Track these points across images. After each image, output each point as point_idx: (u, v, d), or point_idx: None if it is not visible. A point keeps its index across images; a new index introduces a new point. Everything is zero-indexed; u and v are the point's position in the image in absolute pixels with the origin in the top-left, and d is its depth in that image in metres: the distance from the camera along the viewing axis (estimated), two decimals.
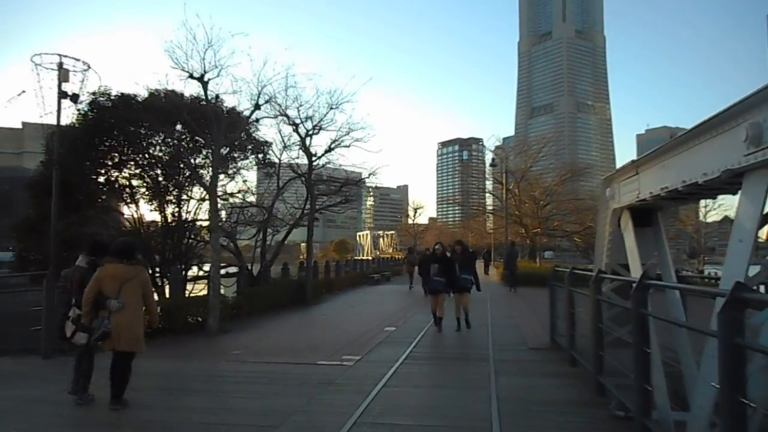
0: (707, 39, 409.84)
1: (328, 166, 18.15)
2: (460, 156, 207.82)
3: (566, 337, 7.58)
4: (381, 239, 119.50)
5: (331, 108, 16.34)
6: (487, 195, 47.56)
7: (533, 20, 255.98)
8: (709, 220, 48.46)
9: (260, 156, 15.52)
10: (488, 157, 31.63)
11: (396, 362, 7.69)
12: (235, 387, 6.58)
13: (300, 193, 20.24)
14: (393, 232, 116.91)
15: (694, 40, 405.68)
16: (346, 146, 16.00)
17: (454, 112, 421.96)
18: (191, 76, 11.33)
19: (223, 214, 18.16)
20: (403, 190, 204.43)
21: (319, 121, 16.20)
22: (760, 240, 3.92)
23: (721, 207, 39.01)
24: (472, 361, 7.98)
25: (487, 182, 42.11)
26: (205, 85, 11.45)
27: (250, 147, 15.08)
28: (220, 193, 15.82)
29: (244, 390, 6.42)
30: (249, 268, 18.56)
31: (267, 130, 32.89)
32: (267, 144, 15.53)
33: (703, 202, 38.62)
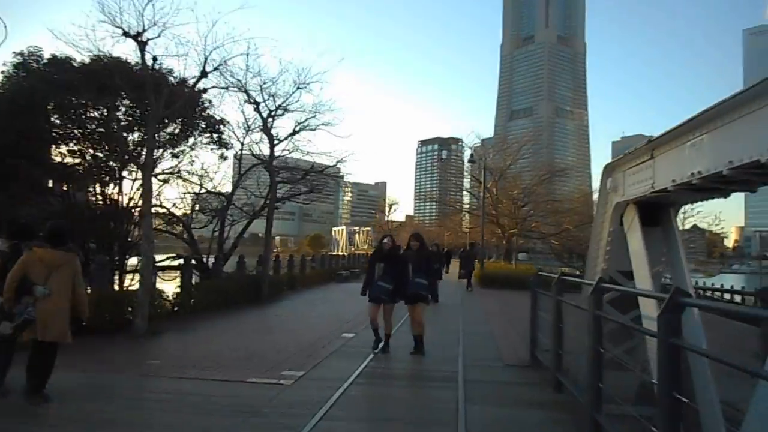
0: (684, 49, 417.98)
1: (294, 153, 16.70)
2: (439, 155, 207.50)
3: (551, 356, 6.29)
4: (357, 235, 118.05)
5: (298, 88, 14.89)
6: (465, 193, 46.54)
7: (516, 24, 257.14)
8: (684, 226, 48.23)
9: (215, 136, 13.87)
10: (467, 153, 30.37)
11: (345, 382, 6.29)
12: (127, 415, 5.09)
13: (264, 181, 18.72)
14: (369, 228, 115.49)
15: (671, 50, 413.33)
16: (312, 129, 14.55)
17: (435, 113, 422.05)
18: (126, 34, 9.70)
19: (174, 199, 16.57)
20: (381, 187, 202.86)
21: (284, 101, 14.73)
22: None
23: (700, 214, 38.38)
24: (437, 382, 6.62)
25: (465, 180, 41.06)
26: (142, 46, 9.84)
27: (201, 124, 13.43)
28: (166, 175, 14.24)
29: (135, 420, 4.94)
30: (204, 260, 17.08)
31: (229, 110, 30.57)
32: (222, 122, 13.90)
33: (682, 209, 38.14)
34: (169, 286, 13.30)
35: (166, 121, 12.84)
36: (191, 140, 14.04)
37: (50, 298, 5.11)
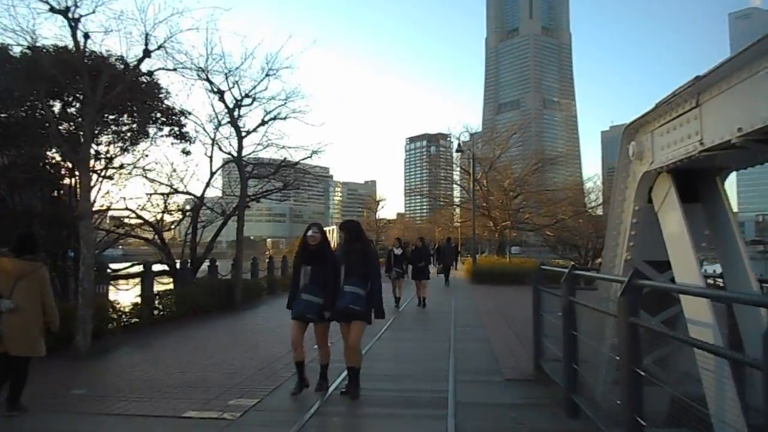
0: (670, 35, 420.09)
1: (269, 148, 15.34)
2: (428, 151, 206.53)
3: (563, 371, 5.02)
4: None
5: (267, 74, 13.54)
6: (455, 186, 45.24)
7: (500, 17, 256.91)
8: None
9: (175, 129, 12.46)
10: (455, 144, 29.08)
11: (306, 413, 4.99)
12: None
13: (238, 179, 17.37)
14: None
15: (657, 36, 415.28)
16: (282, 119, 13.21)
17: (422, 110, 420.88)
18: (53, 10, 8.31)
19: (138, 199, 15.19)
20: (371, 185, 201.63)
21: (252, 90, 13.36)
22: None
23: None
24: (422, 408, 5.29)
25: (455, 173, 39.81)
26: (74, 24, 8.44)
27: (159, 116, 12.01)
28: (123, 173, 12.82)
29: None
30: (177, 266, 15.75)
31: (198, 104, 28.49)
32: (183, 114, 12.50)
33: None
34: (127, 296, 11.96)
35: (116, 113, 11.49)
36: (151, 133, 12.60)
37: (16, 310, 4.93)
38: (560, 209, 33.81)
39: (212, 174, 15.94)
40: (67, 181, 12.34)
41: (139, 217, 16.20)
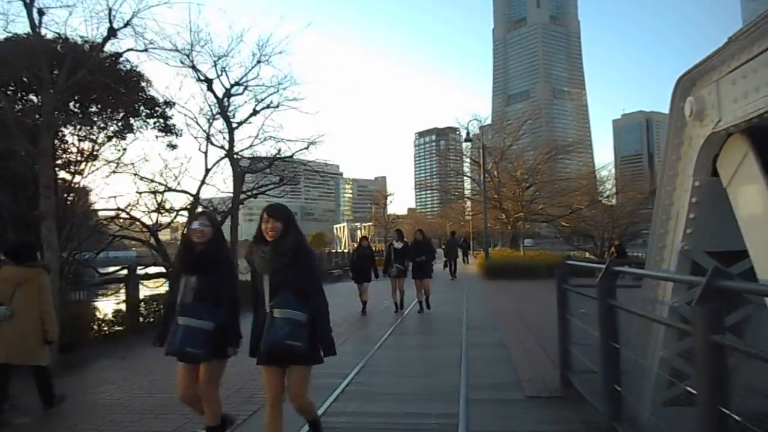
0: (680, 20, 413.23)
1: (267, 142, 14.40)
2: (437, 145, 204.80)
3: (602, 393, 4.00)
4: (358, 231, 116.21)
5: (259, 61, 12.60)
6: (465, 179, 43.97)
7: (507, 7, 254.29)
8: None
9: (160, 121, 11.53)
10: (464, 134, 27.93)
11: None
12: None
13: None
14: (370, 223, 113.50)
15: (666, 22, 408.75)
16: (274, 107, 12.24)
17: (432, 103, 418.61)
18: None
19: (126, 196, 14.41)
20: (381, 181, 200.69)
21: (243, 78, 12.42)
22: None
23: None
24: None
25: (464, 165, 38.52)
26: (29, 3, 7.54)
27: (140, 107, 11.09)
28: (105, 167, 11.93)
29: None
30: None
31: (189, 97, 27.15)
32: (168, 104, 11.56)
33: None
34: (109, 302, 11.15)
35: (99, 104, 10.60)
36: (136, 126, 11.71)
37: (15, 318, 4.86)
38: (575, 199, 32.58)
39: (207, 171, 15.05)
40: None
41: (131, 216, 15.45)
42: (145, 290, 12.65)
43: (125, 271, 11.27)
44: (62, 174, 11.08)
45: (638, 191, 36.48)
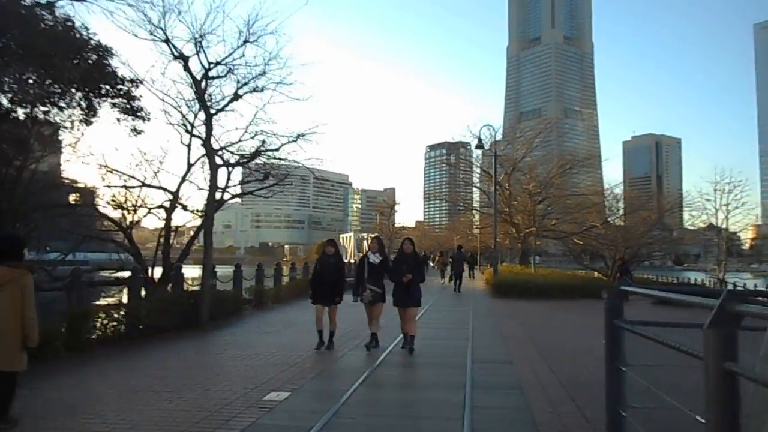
0: (693, 46, 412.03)
1: (256, 135, 12.83)
2: (447, 158, 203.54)
3: None
4: (365, 242, 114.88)
5: (246, 41, 11.05)
6: (474, 190, 42.25)
7: (522, 25, 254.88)
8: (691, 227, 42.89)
9: (123, 102, 9.97)
10: (474, 142, 26.30)
11: None
12: None
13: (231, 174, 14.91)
14: (376, 234, 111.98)
15: (679, 48, 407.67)
16: (259, 90, 10.66)
17: (443, 116, 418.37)
18: None
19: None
20: (390, 193, 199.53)
21: (228, 58, 10.86)
22: None
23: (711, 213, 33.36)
24: None
25: (474, 175, 36.81)
26: None
27: (101, 84, 9.53)
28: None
29: None
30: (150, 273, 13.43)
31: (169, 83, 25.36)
32: (134, 83, 10.00)
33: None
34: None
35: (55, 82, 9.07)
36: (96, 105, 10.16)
37: None
38: (589, 216, 30.85)
39: (190, 166, 13.47)
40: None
41: (98, 213, 13.95)
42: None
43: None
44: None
45: (651, 212, 34.78)
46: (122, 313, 9.79)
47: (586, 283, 22.31)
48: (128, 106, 9.90)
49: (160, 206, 13.73)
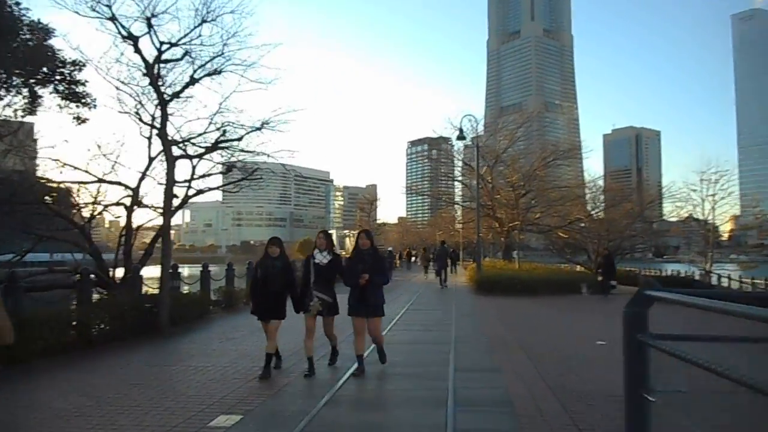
0: (671, 38, 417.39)
1: (222, 127, 11.82)
2: (429, 154, 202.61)
3: None
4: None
5: (204, 21, 10.05)
6: (456, 184, 41.52)
7: (502, 19, 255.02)
8: (672, 219, 42.77)
9: (64, 87, 8.92)
10: (455, 133, 25.48)
11: None
12: None
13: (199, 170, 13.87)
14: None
15: (658, 40, 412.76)
16: (218, 73, 9.68)
17: (425, 112, 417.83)
18: None
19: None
20: (372, 189, 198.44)
21: (184, 38, 9.85)
22: None
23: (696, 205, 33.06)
24: None
25: (456, 169, 36.08)
26: None
27: (43, 67, 8.46)
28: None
29: None
30: (111, 275, 12.48)
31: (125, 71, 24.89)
32: (77, 65, 8.95)
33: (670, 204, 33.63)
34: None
35: None
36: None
37: None
38: (573, 209, 30.32)
39: (151, 160, 12.44)
40: None
41: (50, 209, 12.88)
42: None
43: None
44: None
45: (632, 204, 34.42)
46: (71, 320, 8.83)
47: (571, 278, 21.79)
48: (70, 91, 8.85)
49: (118, 203, 12.75)
